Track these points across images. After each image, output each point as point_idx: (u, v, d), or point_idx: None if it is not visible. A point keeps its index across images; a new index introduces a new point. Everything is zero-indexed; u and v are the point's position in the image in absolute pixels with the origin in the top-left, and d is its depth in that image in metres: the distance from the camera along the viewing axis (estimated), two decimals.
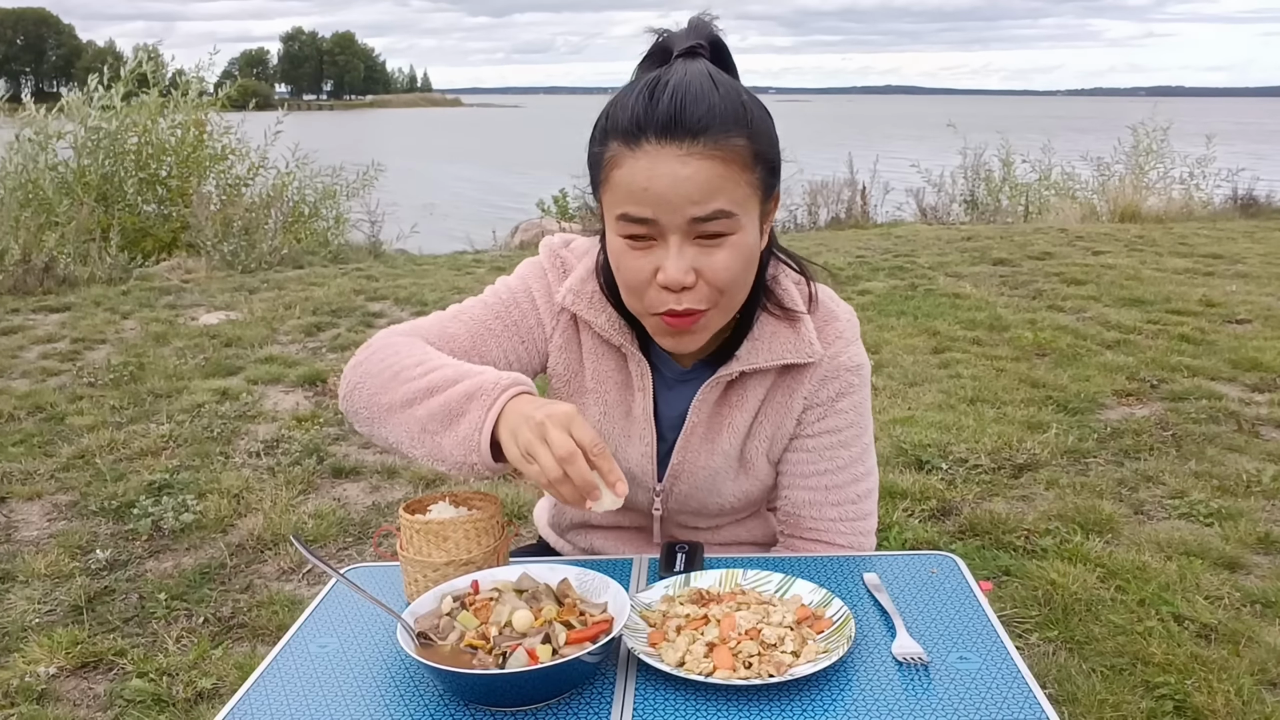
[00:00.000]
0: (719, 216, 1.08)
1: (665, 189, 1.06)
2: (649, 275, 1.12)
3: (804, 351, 1.24)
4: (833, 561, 1.29)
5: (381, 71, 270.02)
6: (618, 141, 1.09)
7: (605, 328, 1.26)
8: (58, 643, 2.52)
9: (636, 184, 1.08)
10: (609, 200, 1.12)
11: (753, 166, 1.10)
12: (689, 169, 1.06)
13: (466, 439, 1.07)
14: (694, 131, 1.06)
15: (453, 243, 10.50)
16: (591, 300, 1.26)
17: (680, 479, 1.33)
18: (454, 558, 1.15)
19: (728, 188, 1.08)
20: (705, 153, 1.06)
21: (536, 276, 1.32)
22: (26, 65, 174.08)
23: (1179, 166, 11.45)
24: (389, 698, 1.01)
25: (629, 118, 1.08)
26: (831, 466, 1.31)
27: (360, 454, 3.88)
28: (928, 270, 7.36)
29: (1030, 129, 13.87)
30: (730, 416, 1.29)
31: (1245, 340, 5.19)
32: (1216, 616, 2.56)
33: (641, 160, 1.07)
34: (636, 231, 1.10)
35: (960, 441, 3.81)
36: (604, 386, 1.31)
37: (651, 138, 1.07)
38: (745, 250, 1.12)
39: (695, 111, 1.06)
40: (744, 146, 1.09)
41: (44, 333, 5.84)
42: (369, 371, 1.20)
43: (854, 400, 1.29)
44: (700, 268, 1.10)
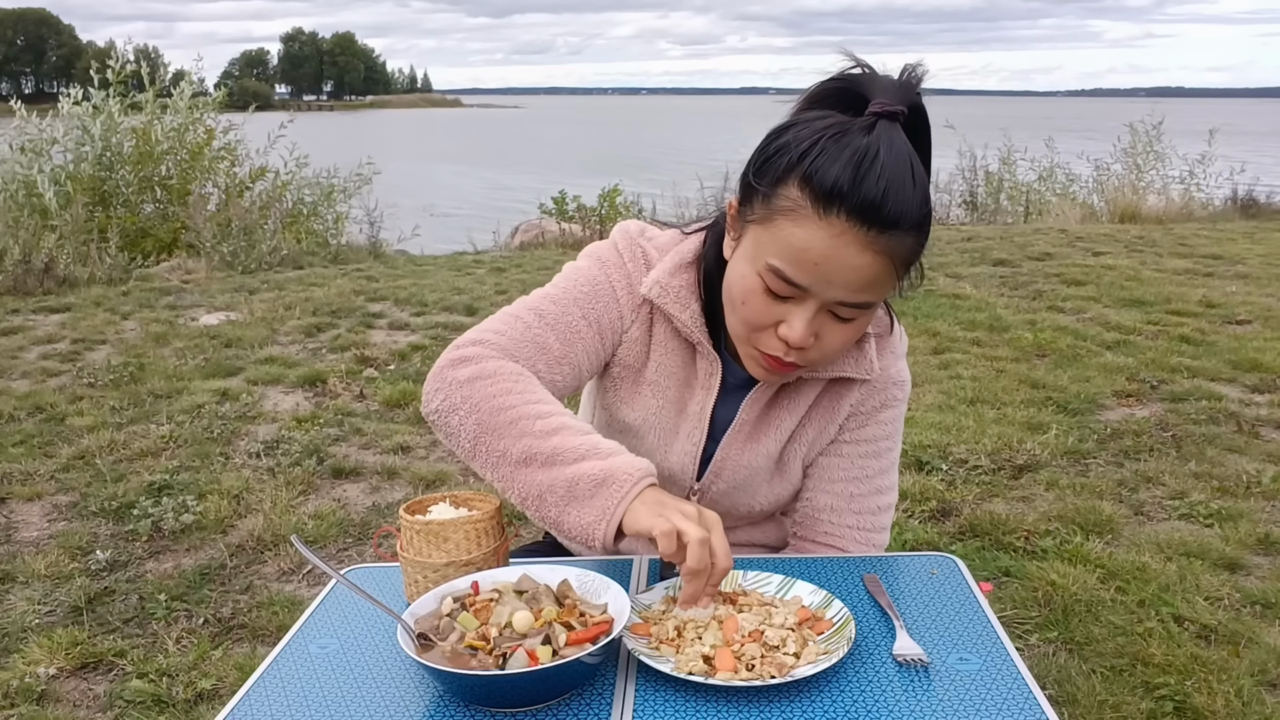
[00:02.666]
0: (863, 307, 1.11)
1: (833, 270, 1.05)
2: (771, 322, 1.12)
3: (863, 368, 1.27)
4: (833, 563, 1.29)
5: (382, 72, 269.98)
6: (806, 194, 1.04)
7: (687, 324, 1.25)
8: (58, 643, 2.52)
9: (810, 253, 1.05)
10: (765, 242, 1.09)
11: (909, 263, 1.10)
12: (865, 260, 1.05)
13: (591, 525, 1.07)
14: (885, 225, 1.03)
15: (453, 243, 10.50)
16: (678, 295, 1.25)
17: (720, 478, 1.33)
18: (454, 559, 1.15)
19: (884, 284, 1.09)
20: (885, 249, 1.05)
21: (616, 266, 1.29)
22: (27, 66, 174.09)
23: (1178, 166, 11.45)
24: (389, 699, 1.01)
25: (830, 182, 1.03)
26: (860, 475, 1.34)
27: (360, 455, 3.88)
28: (928, 271, 7.31)
29: (1030, 129, 13.86)
30: (778, 418, 1.31)
31: (1245, 341, 5.19)
32: (1216, 617, 2.56)
33: (824, 232, 1.04)
34: (782, 289, 1.09)
35: (960, 442, 3.81)
36: (665, 381, 1.31)
37: (844, 214, 1.03)
38: (860, 330, 1.16)
39: (895, 206, 1.03)
40: (913, 246, 1.08)
41: (44, 333, 5.84)
42: (475, 402, 1.14)
43: (893, 414, 1.33)
44: (821, 334, 1.12)
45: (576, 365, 1.26)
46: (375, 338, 5.70)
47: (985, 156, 11.99)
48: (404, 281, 7.39)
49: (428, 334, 5.75)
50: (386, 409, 4.40)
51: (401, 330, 5.91)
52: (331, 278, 7.63)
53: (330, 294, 6.88)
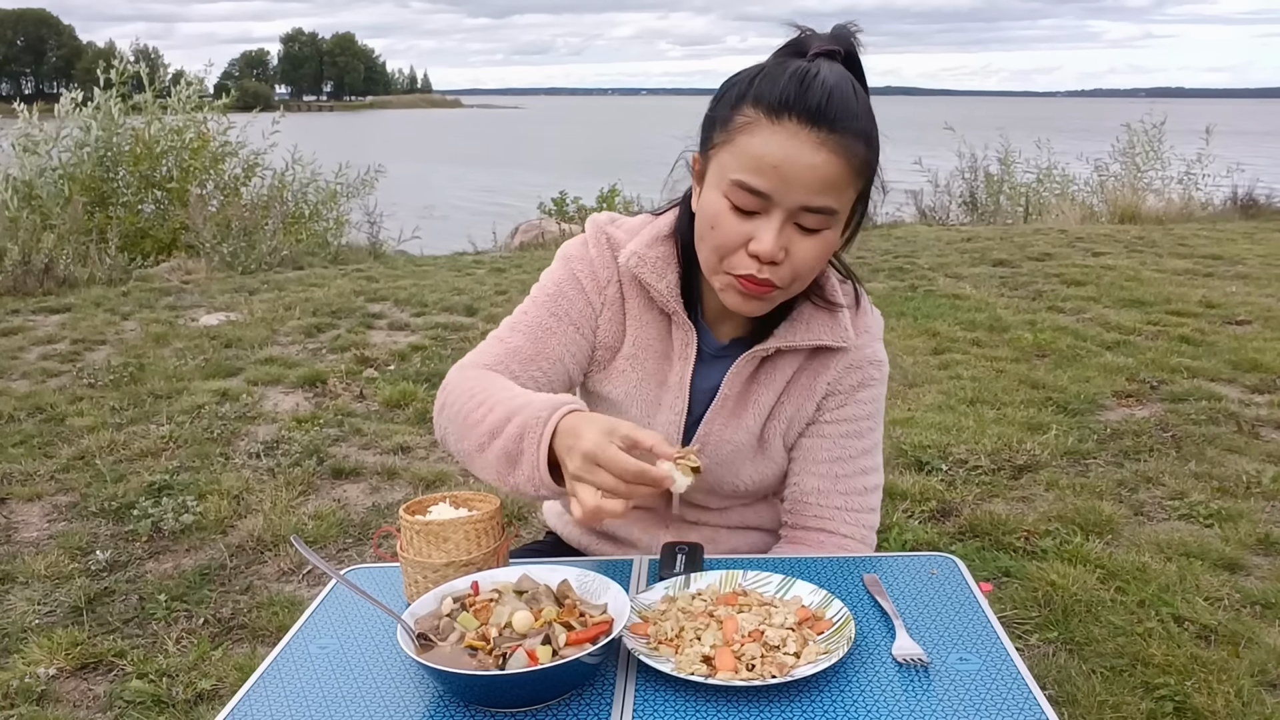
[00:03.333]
0: (824, 212, 1.15)
1: (792, 170, 1.11)
2: (742, 241, 1.16)
3: (839, 336, 1.31)
4: (833, 562, 1.29)
5: (381, 72, 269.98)
6: (759, 110, 1.13)
7: (663, 293, 1.29)
8: (57, 644, 2.52)
9: (768, 158, 1.12)
10: (728, 162, 1.15)
11: (861, 175, 1.17)
12: (819, 158, 1.11)
13: (530, 477, 1.10)
14: (834, 125, 1.11)
15: (453, 243, 10.51)
16: (654, 265, 1.30)
17: (703, 452, 1.34)
18: (454, 559, 1.15)
19: (840, 189, 1.14)
20: (837, 147, 1.12)
21: (580, 259, 1.35)
22: (27, 66, 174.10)
23: (1176, 166, 11.44)
24: (389, 699, 1.01)
25: (778, 93, 1.12)
26: (843, 455, 1.37)
27: (360, 455, 3.88)
28: (928, 271, 7.36)
29: (1029, 130, 13.85)
30: (757, 394, 1.34)
31: (1245, 341, 5.19)
32: (1216, 618, 2.56)
33: (779, 135, 1.11)
34: (746, 202, 1.14)
35: (960, 442, 3.81)
36: (643, 354, 1.34)
37: (795, 118, 1.11)
38: (829, 247, 1.19)
39: (840, 109, 1.11)
40: (863, 154, 1.15)
41: (44, 334, 5.84)
42: (449, 417, 1.23)
43: (872, 394, 1.37)
44: (791, 248, 1.16)
45: (555, 359, 1.31)
46: (375, 338, 5.70)
47: (985, 157, 11.98)
48: (404, 282, 7.39)
49: (428, 334, 5.75)
50: (386, 409, 4.40)
51: (401, 331, 5.91)
52: (331, 278, 7.63)
53: (330, 294, 6.88)
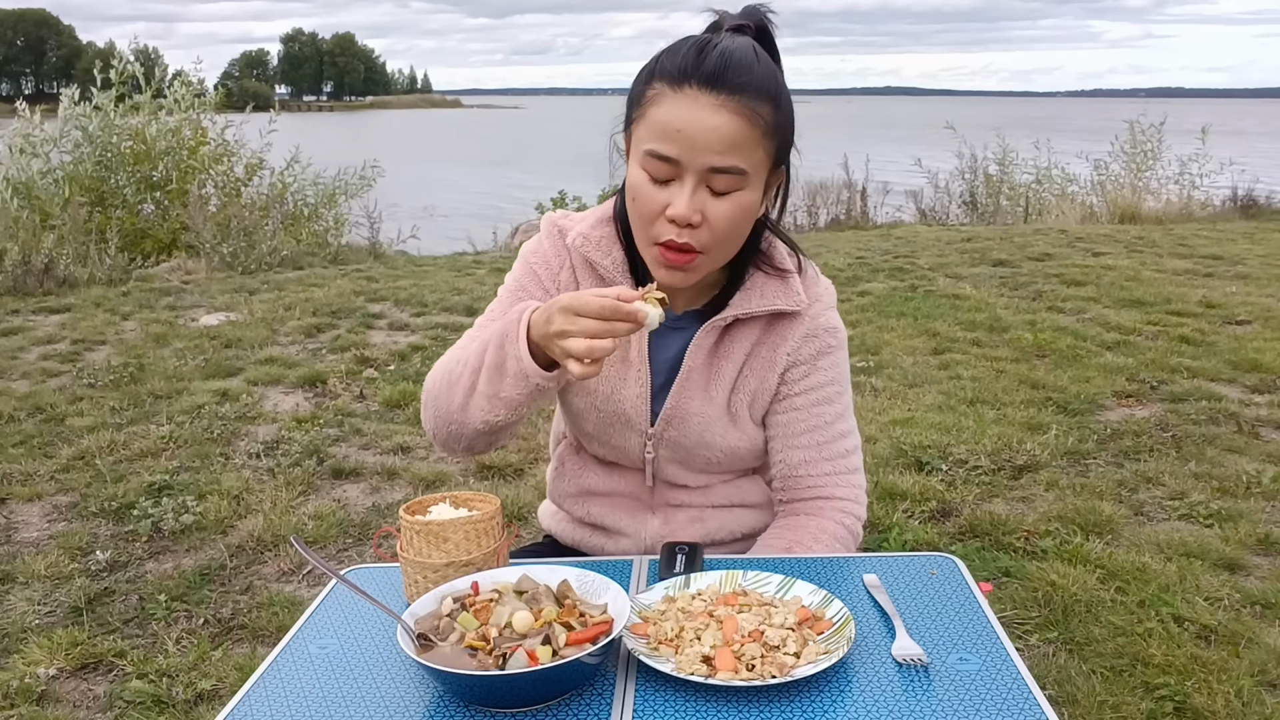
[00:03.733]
0: (732, 172, 1.19)
1: (695, 134, 1.17)
2: (660, 208, 1.21)
3: (792, 300, 1.35)
4: (833, 562, 1.29)
5: (382, 73, 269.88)
6: (663, 82, 1.20)
7: (610, 269, 1.35)
8: (57, 644, 2.52)
9: (671, 124, 1.18)
10: (641, 134, 1.22)
11: (771, 136, 1.21)
12: (719, 119, 1.17)
13: (518, 374, 1.19)
14: (732, 88, 1.17)
15: (453, 243, 10.50)
16: (599, 243, 1.36)
17: (672, 424, 1.38)
18: (454, 559, 1.15)
19: (746, 148, 1.18)
20: (737, 109, 1.17)
21: (534, 252, 1.42)
22: (27, 66, 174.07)
23: (1174, 166, 11.43)
24: (389, 699, 1.01)
25: (677, 64, 1.19)
26: (819, 423, 1.40)
27: (360, 455, 3.88)
28: (927, 271, 7.36)
29: (1030, 130, 13.85)
30: (720, 366, 1.37)
31: (1245, 341, 5.19)
32: (1216, 618, 2.56)
33: (681, 102, 1.18)
34: (659, 170, 1.20)
35: (960, 443, 3.81)
36: None
37: (694, 84, 1.17)
38: (746, 209, 1.23)
39: (739, 72, 1.17)
40: (769, 114, 1.19)
41: (44, 334, 5.84)
42: (432, 396, 1.33)
43: (833, 360, 1.40)
44: (706, 211, 1.20)
45: None
46: (375, 338, 5.70)
47: (985, 158, 11.98)
48: (404, 282, 7.39)
49: (428, 334, 5.75)
50: (386, 409, 4.40)
51: (401, 331, 5.91)
52: (331, 278, 7.63)
53: (330, 294, 6.89)
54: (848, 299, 6.45)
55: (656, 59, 1.23)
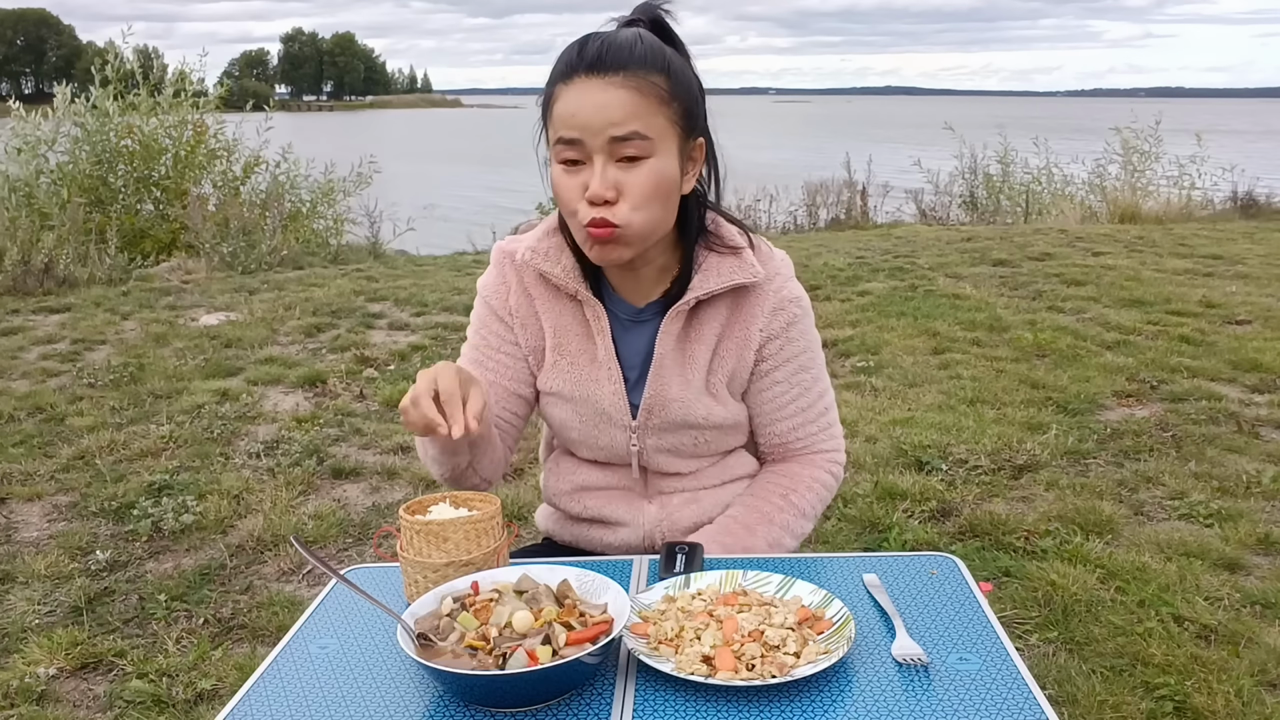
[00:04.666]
0: (635, 138, 1.23)
1: (590, 114, 1.23)
2: (579, 194, 1.26)
3: (749, 273, 1.37)
4: (833, 562, 1.29)
5: (381, 72, 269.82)
6: (556, 83, 1.27)
7: (561, 277, 1.38)
8: (57, 644, 2.52)
9: (567, 111, 1.24)
10: (550, 134, 1.28)
11: (669, 102, 1.26)
12: (608, 95, 1.23)
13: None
14: (615, 67, 1.23)
15: (453, 243, 10.50)
16: (548, 254, 1.40)
17: (654, 413, 1.41)
18: (454, 558, 1.15)
19: (644, 115, 1.23)
20: (624, 83, 1.23)
21: (485, 285, 1.48)
22: (27, 66, 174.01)
23: (1173, 167, 11.43)
24: (389, 699, 1.01)
25: (564, 61, 1.26)
26: (801, 390, 1.46)
27: (360, 455, 3.88)
28: (927, 271, 7.36)
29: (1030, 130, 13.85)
30: (691, 349, 1.40)
31: (1245, 341, 5.19)
32: (1216, 617, 2.56)
33: (572, 91, 1.24)
34: (568, 155, 1.25)
35: (960, 442, 3.81)
36: (566, 340, 1.43)
37: (581, 73, 1.24)
38: (661, 176, 1.26)
39: (619, 53, 1.24)
40: (662, 83, 1.25)
41: (44, 333, 5.84)
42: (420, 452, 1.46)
43: (802, 328, 1.44)
44: (621, 184, 1.25)
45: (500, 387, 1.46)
46: (375, 338, 5.70)
47: (985, 158, 11.98)
48: (404, 282, 7.39)
49: (428, 334, 5.75)
50: (386, 409, 4.40)
51: (401, 330, 5.91)
52: (331, 278, 7.63)
53: (330, 294, 6.89)
54: (848, 299, 6.45)
55: (552, 67, 1.29)
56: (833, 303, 6.30)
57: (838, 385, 4.43)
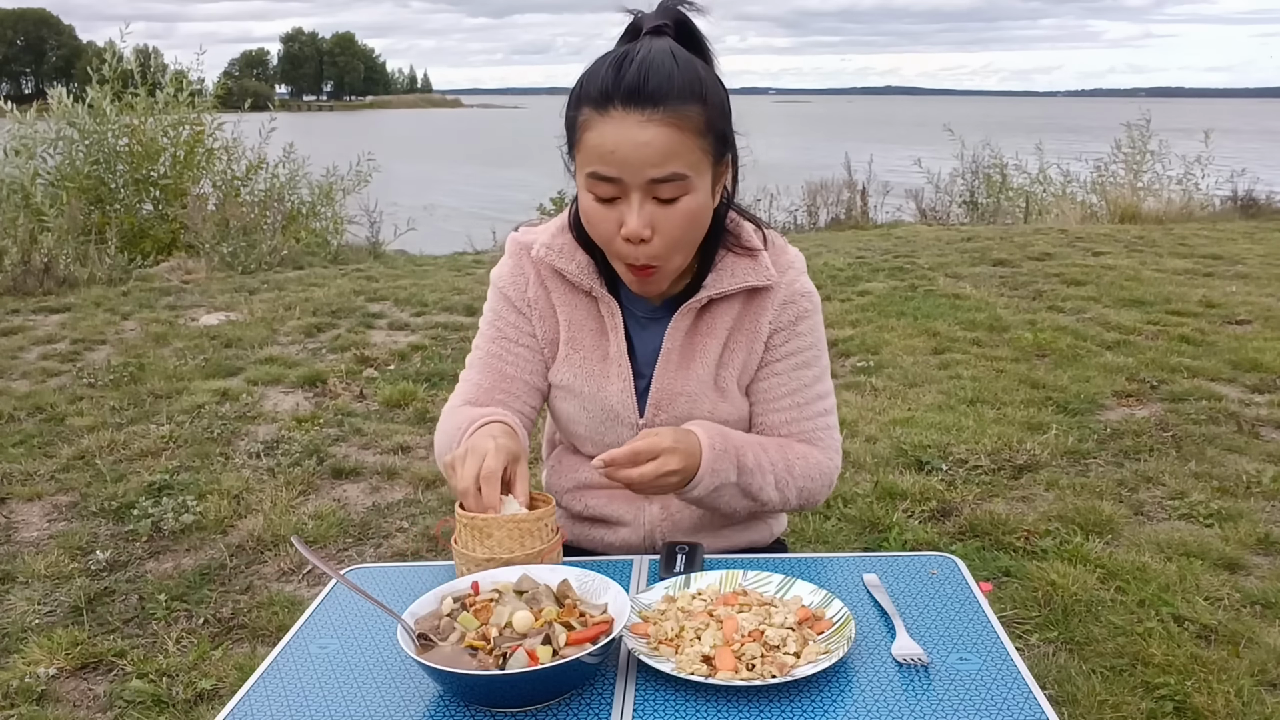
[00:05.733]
0: (674, 179, 1.21)
1: (629, 152, 1.19)
2: (615, 228, 1.24)
3: (763, 275, 1.37)
4: (833, 562, 1.29)
5: (381, 72, 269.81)
6: (589, 107, 1.22)
7: (576, 274, 1.38)
8: (57, 643, 2.52)
9: (605, 146, 1.21)
10: (581, 160, 1.25)
11: (705, 133, 1.23)
12: (648, 134, 1.19)
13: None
14: (654, 100, 1.19)
15: (453, 243, 10.50)
16: (562, 251, 1.39)
17: (660, 409, 1.41)
18: (495, 555, 1.15)
19: (682, 152, 1.21)
20: (664, 119, 1.19)
21: (501, 275, 1.46)
22: (27, 66, 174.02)
23: (1175, 167, 11.43)
24: (389, 699, 1.01)
25: (599, 86, 1.21)
26: (798, 386, 1.43)
27: (360, 455, 3.88)
28: (928, 271, 7.36)
29: (1029, 129, 13.87)
30: (702, 344, 1.40)
31: (1245, 341, 5.19)
32: (1216, 617, 2.56)
33: (609, 125, 1.20)
34: (603, 191, 1.23)
35: (960, 442, 3.81)
36: (580, 335, 1.42)
37: (618, 105, 1.20)
38: (697, 211, 1.26)
39: (657, 82, 1.19)
40: (698, 115, 1.22)
41: (44, 333, 5.84)
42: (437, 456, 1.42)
43: (810, 324, 1.43)
44: (657, 224, 1.23)
45: (514, 378, 1.44)
46: (375, 338, 5.70)
47: (984, 160, 11.98)
48: (404, 281, 7.39)
49: (428, 334, 5.75)
50: (386, 409, 4.40)
51: (401, 330, 5.91)
52: (331, 278, 7.63)
53: (330, 294, 6.89)
54: (848, 299, 6.45)
55: (580, 81, 1.25)
56: (833, 303, 6.31)
57: (838, 385, 4.43)
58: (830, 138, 41.08)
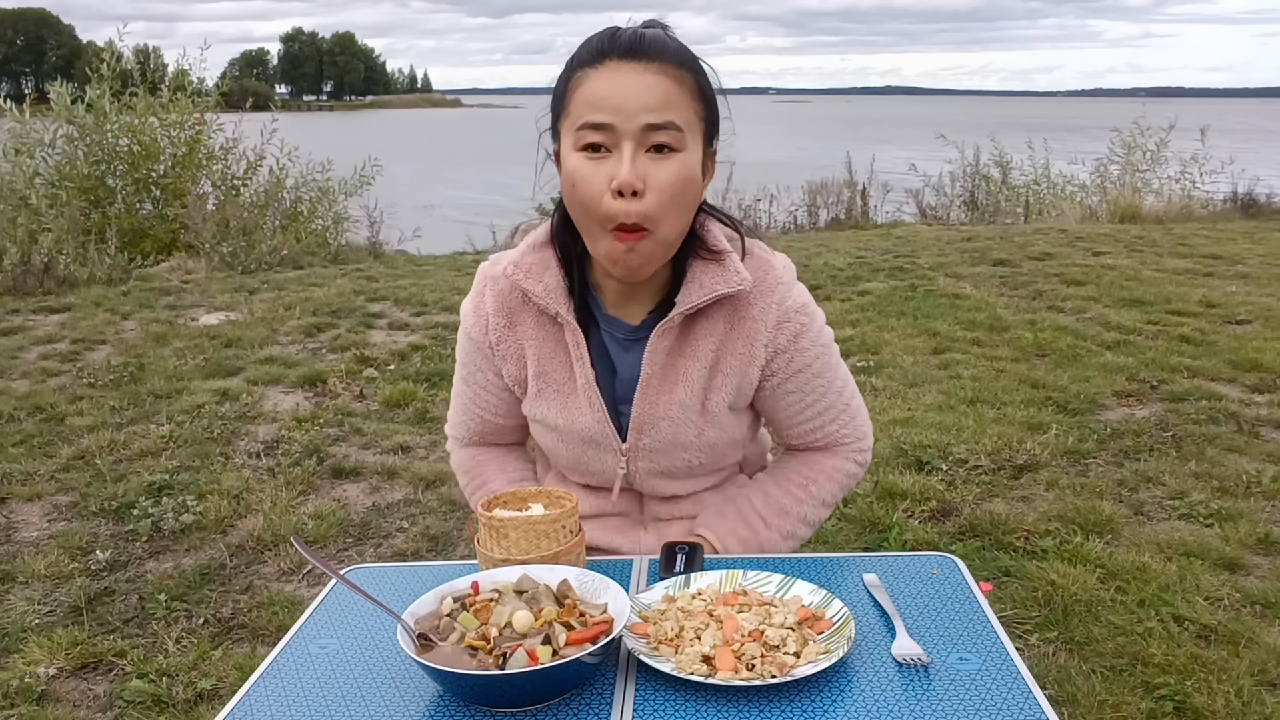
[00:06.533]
0: (670, 127, 1.18)
1: (624, 96, 1.17)
2: (603, 185, 1.18)
3: (731, 280, 1.29)
4: (833, 562, 1.29)
5: (381, 72, 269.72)
6: (581, 68, 1.21)
7: (543, 295, 1.31)
8: (57, 643, 2.52)
9: (598, 94, 1.18)
10: (570, 121, 1.21)
11: (699, 99, 1.22)
12: (646, 80, 1.18)
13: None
14: (651, 55, 1.19)
15: (453, 243, 10.50)
16: (531, 270, 1.33)
17: (643, 433, 1.36)
18: (511, 555, 1.16)
19: (679, 106, 1.19)
20: (660, 70, 1.18)
21: (466, 314, 1.43)
22: (27, 66, 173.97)
23: (1174, 166, 11.43)
24: (389, 699, 1.01)
25: (593, 47, 1.21)
26: (818, 395, 1.39)
27: (360, 455, 3.88)
28: (928, 271, 7.36)
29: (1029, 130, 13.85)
30: (684, 367, 1.33)
31: (1245, 341, 5.19)
32: (1216, 617, 2.56)
33: (604, 73, 1.19)
34: (594, 139, 1.18)
35: (960, 442, 3.81)
36: (549, 368, 1.37)
37: (614, 57, 1.19)
38: (688, 172, 1.20)
39: (654, 43, 1.20)
40: (694, 82, 1.22)
41: (44, 333, 5.84)
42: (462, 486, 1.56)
43: (811, 336, 1.36)
44: (649, 177, 1.18)
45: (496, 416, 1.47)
46: (375, 338, 5.70)
47: (984, 161, 11.98)
48: (404, 281, 7.39)
49: (428, 334, 5.75)
50: (386, 409, 4.40)
51: (401, 330, 5.91)
52: (331, 278, 7.63)
53: (330, 294, 6.89)
54: (848, 299, 6.45)
55: (571, 56, 1.24)
56: (833, 302, 6.31)
57: None
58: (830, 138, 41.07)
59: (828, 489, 1.43)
